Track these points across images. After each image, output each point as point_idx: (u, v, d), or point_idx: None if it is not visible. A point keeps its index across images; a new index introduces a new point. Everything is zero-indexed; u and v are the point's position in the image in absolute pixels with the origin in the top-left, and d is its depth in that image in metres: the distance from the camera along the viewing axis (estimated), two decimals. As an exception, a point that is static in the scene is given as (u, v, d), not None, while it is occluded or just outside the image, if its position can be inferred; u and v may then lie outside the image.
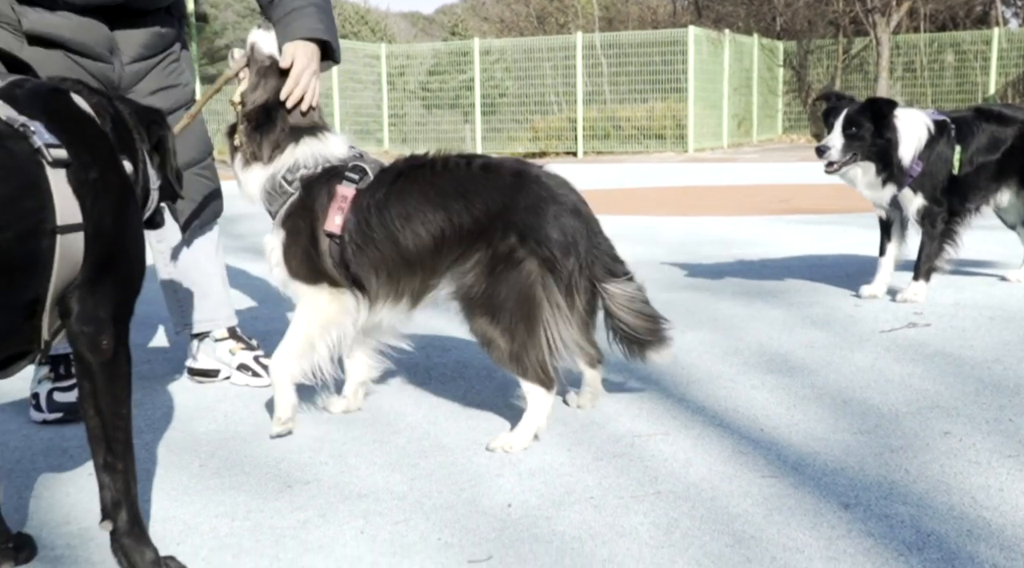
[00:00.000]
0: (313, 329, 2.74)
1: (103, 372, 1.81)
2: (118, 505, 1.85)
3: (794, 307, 4.31)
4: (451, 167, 2.67)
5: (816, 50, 24.76)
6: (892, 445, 2.55)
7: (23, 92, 1.83)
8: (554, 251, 2.54)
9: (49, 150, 1.71)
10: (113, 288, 1.84)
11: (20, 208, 1.65)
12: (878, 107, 4.22)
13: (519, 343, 2.55)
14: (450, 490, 2.32)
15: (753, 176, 13.02)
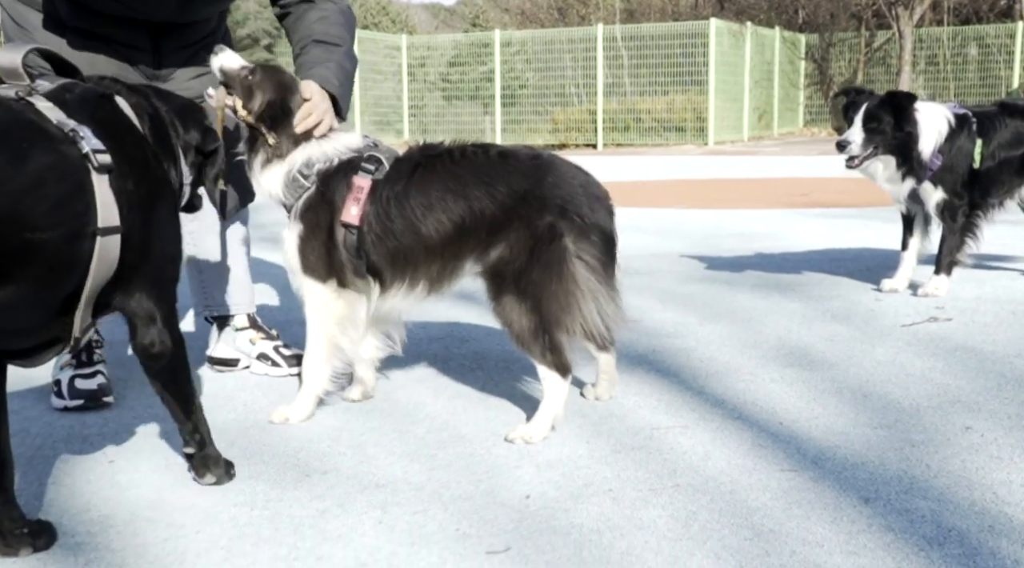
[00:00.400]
0: (331, 329, 2.77)
1: (168, 370, 2.13)
2: (196, 437, 2.26)
3: (814, 300, 4.28)
4: (469, 155, 2.68)
5: (838, 43, 24.60)
6: (913, 440, 2.53)
7: (73, 97, 1.94)
8: (590, 223, 2.57)
9: (96, 156, 1.82)
10: (159, 287, 2.04)
11: (70, 210, 1.77)
12: (898, 100, 4.18)
13: (545, 321, 2.55)
14: (468, 481, 2.32)
15: (773, 169, 12.95)
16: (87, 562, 1.94)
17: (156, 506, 2.20)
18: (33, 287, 1.75)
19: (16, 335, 1.87)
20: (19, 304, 1.73)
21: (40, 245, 1.71)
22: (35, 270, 1.73)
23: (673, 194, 9.69)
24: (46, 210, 1.72)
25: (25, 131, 1.77)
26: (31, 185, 1.70)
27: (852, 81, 23.95)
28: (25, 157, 1.71)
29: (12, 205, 1.65)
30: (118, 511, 2.17)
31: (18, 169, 1.68)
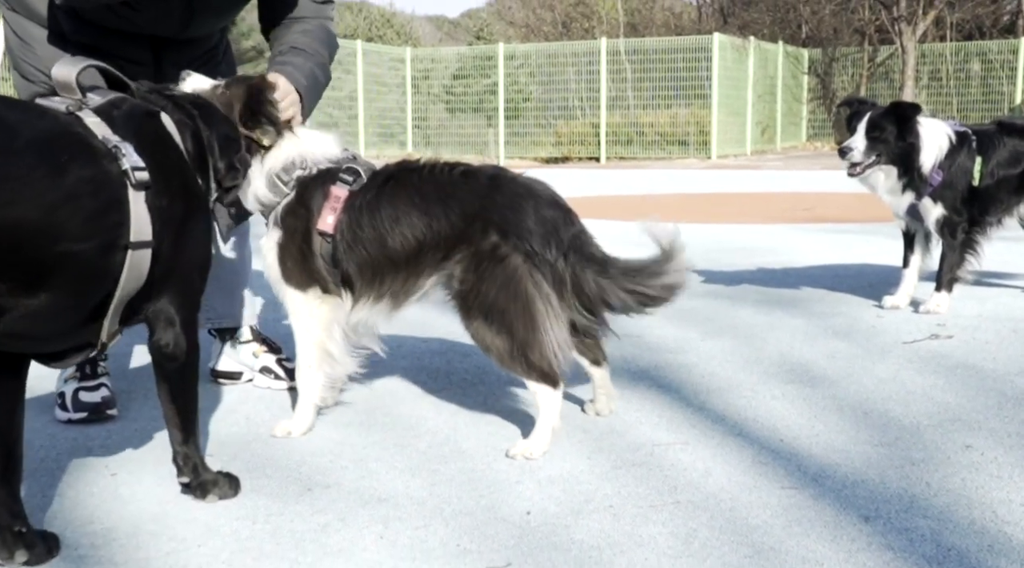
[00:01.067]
0: (319, 335, 2.80)
1: (178, 374, 2.19)
2: (190, 465, 2.28)
3: (816, 317, 4.29)
4: (436, 173, 2.72)
5: (841, 58, 24.67)
6: (913, 458, 2.54)
7: (120, 113, 2.02)
8: (534, 244, 2.56)
9: (134, 173, 1.90)
10: (180, 300, 2.13)
11: (104, 223, 1.84)
12: (902, 110, 4.21)
13: (518, 341, 2.56)
14: (469, 496, 2.32)
15: (776, 184, 12.97)
16: (89, 575, 1.95)
17: (159, 519, 2.20)
18: (65, 295, 1.82)
19: (47, 340, 1.95)
20: (51, 311, 1.81)
21: (74, 256, 1.78)
22: (68, 279, 1.80)
23: (675, 208, 9.71)
24: (80, 222, 1.79)
25: (68, 144, 1.83)
26: (67, 198, 1.76)
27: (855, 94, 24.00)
28: (64, 170, 1.77)
29: (48, 217, 1.72)
30: (121, 524, 2.18)
31: (56, 182, 1.74)
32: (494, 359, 2.64)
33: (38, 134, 1.78)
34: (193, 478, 2.28)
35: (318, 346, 2.81)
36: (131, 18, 2.84)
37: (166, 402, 2.22)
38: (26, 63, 2.96)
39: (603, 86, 20.82)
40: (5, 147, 1.69)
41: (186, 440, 2.26)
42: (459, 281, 2.62)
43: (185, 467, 2.28)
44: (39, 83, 2.92)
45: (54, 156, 1.77)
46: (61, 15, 2.87)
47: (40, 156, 1.74)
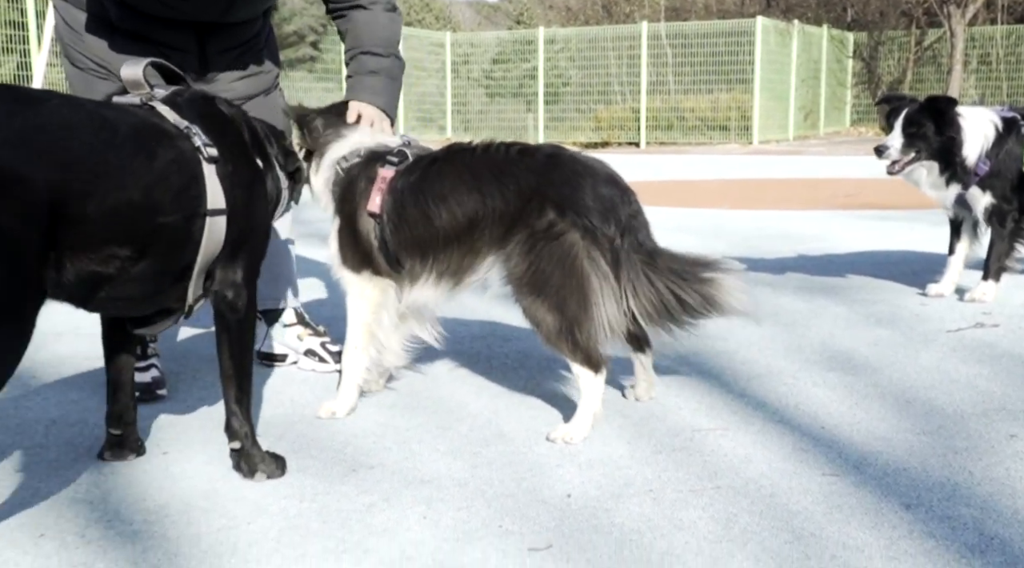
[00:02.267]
0: (367, 316, 2.87)
1: (238, 327, 2.38)
2: (243, 428, 2.39)
3: (858, 304, 4.28)
4: (489, 151, 2.75)
5: (887, 42, 24.30)
6: (956, 446, 2.53)
7: (183, 100, 2.30)
8: (593, 220, 2.56)
9: (205, 149, 2.18)
10: (245, 259, 2.36)
11: (187, 195, 2.13)
12: (937, 105, 4.17)
13: (568, 319, 2.57)
14: (511, 479, 2.36)
15: (819, 169, 12.86)
16: (144, 549, 2.01)
17: (209, 497, 2.27)
18: (160, 261, 2.11)
19: (143, 302, 2.23)
20: (148, 276, 2.10)
21: (167, 227, 2.08)
22: (162, 247, 2.09)
23: (716, 194, 9.67)
24: (171, 198, 2.08)
25: (152, 133, 2.11)
26: (159, 178, 2.06)
27: (901, 80, 23.67)
28: (154, 155, 2.06)
29: (147, 196, 2.02)
30: (173, 501, 2.25)
31: (150, 166, 2.04)
32: (542, 337, 2.64)
33: (130, 127, 2.05)
34: (244, 444, 2.39)
35: (365, 328, 2.88)
36: (175, 4, 2.89)
37: (223, 355, 2.38)
38: (75, 50, 3.03)
39: (643, 70, 20.70)
40: (110, 142, 1.97)
41: (240, 398, 2.38)
42: (516, 260, 2.62)
43: (238, 431, 2.39)
44: (88, 70, 3.00)
45: (145, 144, 2.05)
46: (108, 2, 2.93)
47: (136, 146, 2.03)
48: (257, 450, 2.40)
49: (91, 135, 1.94)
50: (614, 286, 2.58)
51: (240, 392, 2.38)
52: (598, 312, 2.57)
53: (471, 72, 23.63)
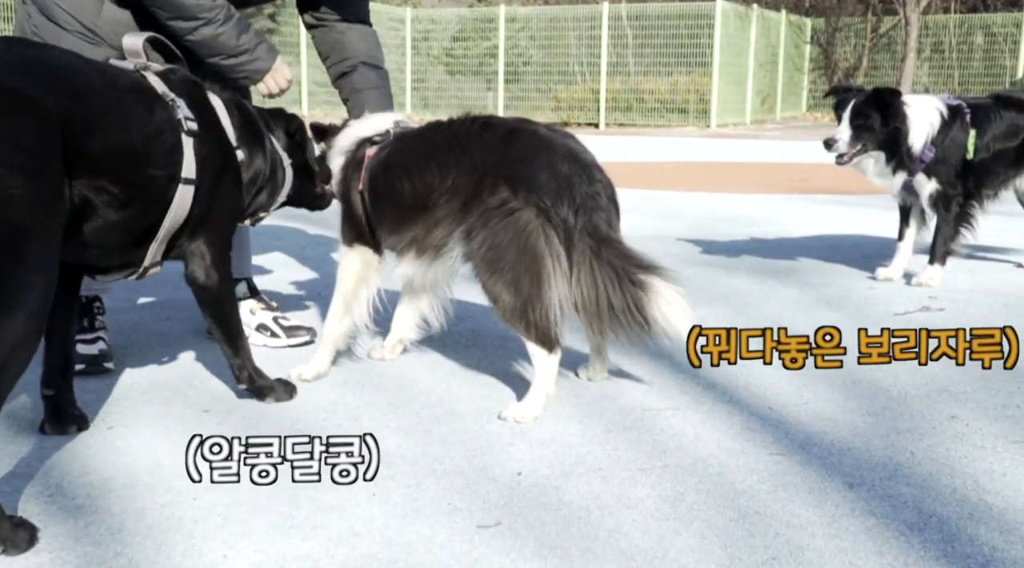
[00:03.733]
0: (347, 287, 2.98)
1: (215, 301, 2.58)
2: (246, 372, 2.68)
3: (809, 287, 4.32)
4: (454, 125, 2.78)
5: (844, 28, 24.50)
6: (899, 427, 2.58)
7: (176, 77, 2.49)
8: (546, 199, 2.53)
9: (186, 122, 2.36)
10: (213, 239, 2.52)
11: (172, 157, 2.30)
12: (883, 97, 4.22)
13: (523, 297, 2.56)
14: (462, 456, 2.36)
15: (775, 154, 12.96)
16: (87, 524, 1.98)
17: (154, 472, 2.24)
18: (135, 214, 2.25)
19: (108, 253, 2.34)
20: (121, 226, 2.23)
21: (153, 181, 2.25)
22: (143, 200, 2.24)
23: (674, 176, 9.71)
24: (162, 154, 2.26)
25: (149, 92, 2.30)
26: (156, 132, 2.24)
27: (857, 67, 23.90)
28: (152, 110, 2.25)
29: (145, 145, 2.20)
30: (117, 476, 2.22)
31: (150, 118, 2.22)
32: (498, 313, 2.64)
33: (130, 82, 2.25)
34: (250, 384, 2.67)
35: (342, 298, 2.99)
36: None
37: (212, 325, 2.65)
38: (60, 8, 2.91)
39: (604, 52, 20.68)
40: (112, 87, 2.15)
41: (235, 354, 2.65)
42: (472, 236, 2.61)
43: (241, 376, 2.67)
44: (73, 32, 2.89)
45: (145, 98, 2.24)
46: None
47: (138, 96, 2.22)
48: (264, 381, 2.71)
49: (95, 78, 2.12)
50: (565, 267, 2.57)
51: (234, 348, 2.65)
52: (551, 292, 2.56)
53: (431, 49, 23.45)
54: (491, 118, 2.77)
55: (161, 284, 3.94)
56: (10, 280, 1.77)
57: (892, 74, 22.55)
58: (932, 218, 4.46)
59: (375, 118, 3.08)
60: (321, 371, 2.97)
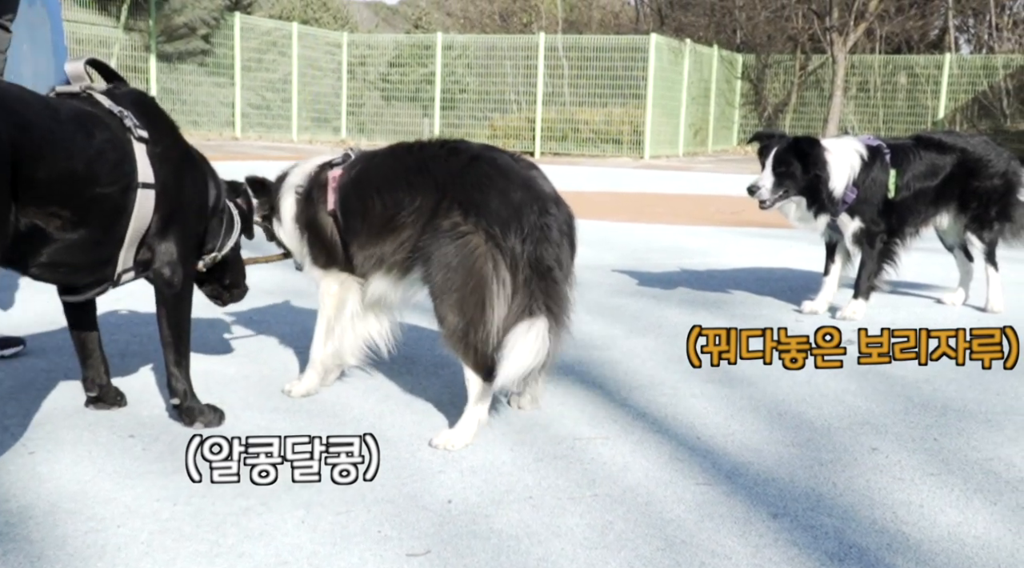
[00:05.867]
0: (330, 311, 3.05)
1: (174, 300, 2.68)
2: (182, 386, 2.71)
3: (738, 318, 4.41)
4: (424, 148, 2.85)
5: (774, 64, 25.12)
6: (822, 458, 2.64)
7: (120, 93, 2.64)
8: (495, 225, 2.57)
9: (136, 129, 2.51)
10: (179, 237, 2.64)
11: (121, 170, 2.42)
12: (802, 146, 4.35)
13: (466, 320, 2.59)
14: (392, 484, 2.36)
15: (706, 186, 13.19)
16: (4, 552, 1.93)
17: (77, 498, 2.20)
18: (95, 229, 2.37)
19: (80, 271, 2.47)
20: (84, 243, 2.36)
21: (104, 197, 2.36)
22: (98, 216, 2.36)
23: (607, 206, 9.82)
24: (108, 171, 2.37)
25: (90, 116, 2.42)
26: (98, 153, 2.34)
27: (787, 102, 24.48)
28: (92, 134, 2.36)
29: (88, 167, 2.30)
30: (38, 502, 2.17)
31: (90, 142, 2.33)
32: (443, 334, 2.67)
33: (70, 111, 2.37)
34: (181, 400, 2.71)
35: (326, 322, 3.05)
36: None
37: (163, 325, 2.70)
38: None
39: (540, 81, 20.89)
40: (56, 118, 2.27)
41: (179, 361, 2.71)
42: (426, 256, 2.66)
43: (176, 388, 2.71)
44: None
45: (85, 124, 2.36)
46: None
47: (77, 124, 2.34)
48: (196, 403, 2.73)
49: (40, 109, 2.26)
50: (509, 292, 2.59)
51: (178, 355, 2.70)
52: (493, 316, 2.58)
53: (367, 74, 23.43)
54: (459, 143, 2.82)
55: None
56: None
57: (820, 111, 23.13)
58: (857, 254, 4.59)
59: (313, 158, 3.14)
60: (311, 390, 3.06)
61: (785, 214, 4.51)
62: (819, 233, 4.59)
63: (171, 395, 2.74)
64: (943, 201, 4.60)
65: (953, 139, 4.66)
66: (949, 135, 4.75)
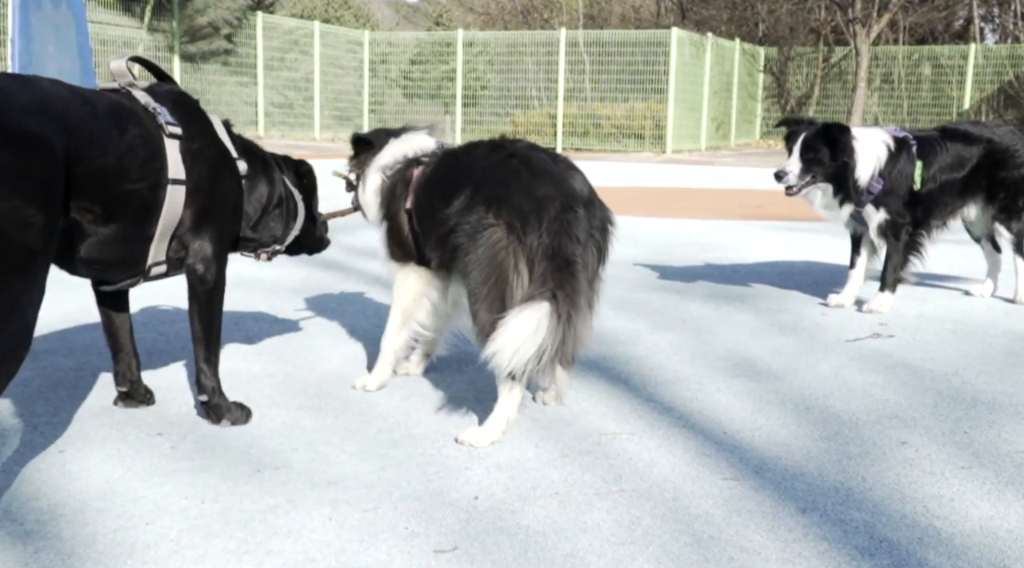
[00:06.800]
0: (407, 303, 3.11)
1: (207, 296, 2.70)
2: (211, 383, 2.73)
3: (762, 313, 4.38)
4: (478, 147, 2.89)
5: (797, 57, 24.96)
6: (851, 452, 2.62)
7: (161, 91, 2.67)
8: (515, 218, 2.58)
9: (167, 126, 2.53)
10: (214, 235, 2.67)
11: (151, 166, 2.45)
12: (831, 133, 4.31)
13: (492, 314, 2.58)
14: (419, 480, 2.36)
15: (729, 180, 13.12)
16: (36, 550, 1.95)
17: (106, 496, 2.21)
18: (126, 225, 2.41)
19: (110, 266, 2.49)
20: (116, 238, 2.40)
21: (134, 193, 2.39)
22: (129, 211, 2.39)
23: (629, 201, 9.79)
24: (138, 166, 2.39)
25: (124, 111, 2.44)
26: (129, 149, 2.37)
27: (809, 95, 24.32)
28: (125, 130, 2.38)
29: (120, 163, 2.33)
30: (68, 500, 2.19)
31: (123, 138, 2.36)
32: (474, 332, 2.68)
33: (106, 105, 2.38)
34: (209, 397, 2.73)
35: (402, 312, 3.10)
36: None
37: (195, 321, 2.72)
38: None
39: (561, 77, 20.86)
40: (93, 114, 2.29)
41: (208, 358, 2.73)
42: (459, 250, 2.69)
43: (204, 385, 2.73)
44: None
45: (119, 119, 2.38)
46: None
47: (112, 120, 2.35)
48: (223, 401, 2.74)
49: (80, 108, 2.27)
50: (525, 284, 2.58)
51: (208, 352, 2.72)
52: None
53: (389, 72, 23.49)
54: (503, 142, 2.84)
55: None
56: (20, 295, 1.99)
57: (843, 103, 22.96)
58: (882, 246, 4.55)
59: (416, 140, 3.16)
60: (384, 382, 3.13)
61: (810, 202, 4.47)
62: (843, 223, 4.54)
63: (199, 391, 2.74)
64: (970, 192, 4.55)
65: (979, 130, 4.61)
66: (975, 126, 4.69)
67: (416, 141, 3.15)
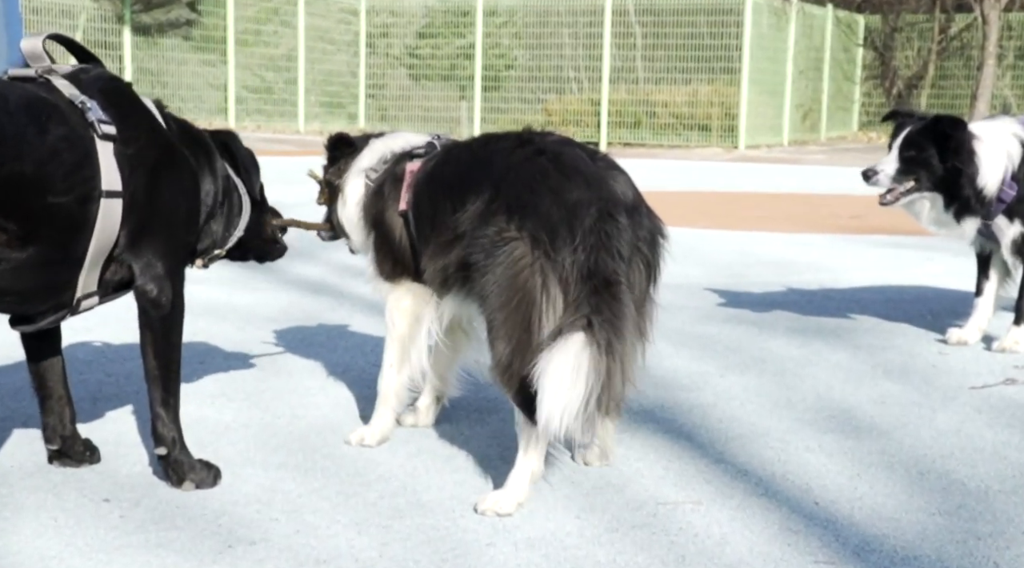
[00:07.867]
0: (402, 330, 3.13)
1: (162, 324, 2.69)
2: (170, 433, 2.70)
3: (863, 351, 4.37)
4: (501, 139, 2.91)
5: (906, 28, 24.91)
6: (979, 531, 2.60)
7: (87, 77, 2.61)
8: (541, 230, 2.58)
9: (100, 125, 2.47)
10: (162, 249, 2.65)
11: (81, 175, 2.40)
12: (942, 127, 4.23)
13: (512, 346, 2.60)
14: (430, 560, 2.36)
15: (819, 183, 13.10)
16: (-46, 645, 1.97)
17: (41, 578, 2.23)
18: (49, 248, 2.37)
19: (28, 297, 2.49)
20: (35, 264, 2.35)
21: (58, 208, 2.35)
22: (52, 231, 2.36)
23: (693, 209, 9.80)
24: (62, 176, 2.36)
25: (44, 105, 2.39)
26: (51, 153, 2.34)
27: (922, 76, 24.25)
28: (46, 129, 2.34)
29: (39, 170, 2.28)
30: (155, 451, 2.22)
31: (42, 139, 2.32)
32: (491, 363, 2.69)
33: (20, 98, 2.34)
34: (169, 450, 2.71)
35: (399, 343, 3.11)
36: None
37: (149, 356, 2.70)
38: None
39: (606, 54, 20.93)
40: (4, 108, 2.24)
41: (166, 400, 2.71)
42: (473, 268, 2.69)
43: (162, 434, 2.71)
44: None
45: (37, 117, 2.34)
46: None
47: (29, 117, 2.31)
48: (186, 457, 2.73)
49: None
50: (559, 311, 2.58)
51: (166, 394, 2.70)
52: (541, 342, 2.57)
53: (391, 48, 23.66)
54: (529, 134, 2.86)
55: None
56: None
57: (966, 86, 22.87)
58: (1018, 268, 4.50)
59: (404, 135, 3.24)
60: (386, 433, 3.15)
61: (915, 215, 4.43)
62: (967, 241, 4.50)
63: (156, 444, 2.73)
64: None
65: None
66: None
67: (403, 137, 3.21)
